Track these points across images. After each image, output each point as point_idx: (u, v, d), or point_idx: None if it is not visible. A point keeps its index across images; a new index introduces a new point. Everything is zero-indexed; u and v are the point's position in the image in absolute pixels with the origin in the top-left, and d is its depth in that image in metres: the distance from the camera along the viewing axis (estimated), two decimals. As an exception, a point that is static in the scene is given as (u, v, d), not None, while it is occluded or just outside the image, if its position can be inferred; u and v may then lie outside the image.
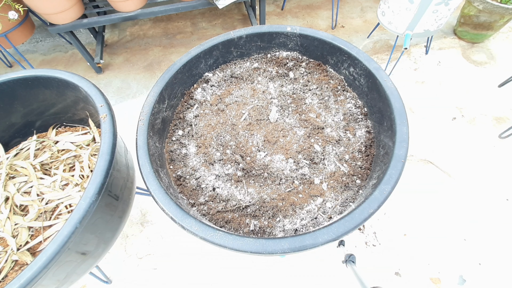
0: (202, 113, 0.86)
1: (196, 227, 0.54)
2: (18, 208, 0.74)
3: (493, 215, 1.28)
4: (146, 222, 1.33)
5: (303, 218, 0.68)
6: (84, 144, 0.85)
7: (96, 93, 0.70)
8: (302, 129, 0.80)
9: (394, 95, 0.69)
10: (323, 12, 2.25)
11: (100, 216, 0.64)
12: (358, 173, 0.73)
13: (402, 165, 0.60)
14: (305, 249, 0.51)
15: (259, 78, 0.92)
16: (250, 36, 0.88)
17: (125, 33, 2.20)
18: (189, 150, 0.80)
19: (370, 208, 0.55)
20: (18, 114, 0.85)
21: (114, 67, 1.97)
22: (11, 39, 1.55)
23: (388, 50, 1.95)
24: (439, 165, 1.43)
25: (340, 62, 0.87)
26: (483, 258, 1.18)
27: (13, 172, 0.79)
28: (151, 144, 0.69)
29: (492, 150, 1.46)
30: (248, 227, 0.66)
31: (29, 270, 0.47)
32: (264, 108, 0.84)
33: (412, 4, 1.29)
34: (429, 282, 1.14)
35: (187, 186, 0.73)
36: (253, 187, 0.72)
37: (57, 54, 2.08)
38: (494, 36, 1.94)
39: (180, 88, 0.85)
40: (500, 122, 1.56)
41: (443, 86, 1.72)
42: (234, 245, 0.52)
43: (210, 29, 2.19)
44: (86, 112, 0.85)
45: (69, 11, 1.51)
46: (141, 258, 1.24)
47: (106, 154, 0.60)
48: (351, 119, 0.82)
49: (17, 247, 0.68)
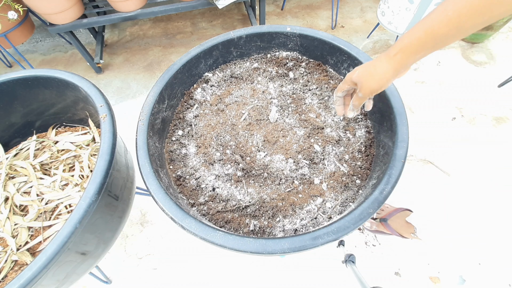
0: (202, 113, 0.86)
1: (196, 227, 0.54)
2: (18, 208, 0.74)
3: (493, 215, 1.28)
4: (146, 222, 1.33)
5: (303, 218, 0.68)
6: (84, 144, 0.85)
7: (96, 93, 0.70)
8: (302, 129, 0.80)
9: (394, 95, 0.69)
10: (323, 12, 2.25)
11: (100, 216, 0.64)
12: (358, 173, 0.73)
13: (402, 165, 0.60)
14: (305, 249, 0.51)
15: (259, 78, 0.92)
16: (250, 36, 0.88)
17: (125, 33, 2.20)
18: (189, 150, 0.80)
19: (370, 208, 0.55)
20: (18, 114, 0.85)
21: (114, 67, 1.97)
22: (10, 39, 1.55)
23: (388, 50, 1.95)
24: (439, 165, 1.43)
25: (340, 62, 0.87)
26: (483, 258, 1.18)
27: (13, 172, 0.79)
28: (151, 144, 0.69)
29: (492, 149, 1.46)
30: (248, 227, 0.66)
31: (29, 270, 0.47)
32: (264, 108, 0.84)
33: (412, 4, 1.29)
34: (429, 282, 1.14)
35: (187, 186, 0.73)
36: (253, 187, 0.72)
37: (57, 54, 2.08)
38: (494, 36, 1.94)
39: (180, 88, 0.85)
40: (500, 122, 1.56)
41: (443, 86, 1.72)
42: (234, 245, 0.52)
43: (210, 29, 2.19)
44: (86, 112, 0.85)
45: (69, 11, 1.51)
46: (141, 258, 1.24)
47: (106, 154, 0.60)
48: (351, 119, 0.82)
49: (16, 247, 0.68)
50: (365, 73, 0.53)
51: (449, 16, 0.42)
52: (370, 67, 0.52)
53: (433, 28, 0.44)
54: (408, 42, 0.47)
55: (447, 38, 0.45)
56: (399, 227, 0.99)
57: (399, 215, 1.02)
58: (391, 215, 1.03)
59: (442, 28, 0.44)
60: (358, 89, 0.55)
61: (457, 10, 0.42)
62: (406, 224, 1.00)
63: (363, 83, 0.53)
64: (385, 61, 0.51)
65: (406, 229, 0.99)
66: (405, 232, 0.98)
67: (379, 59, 0.51)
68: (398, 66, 0.50)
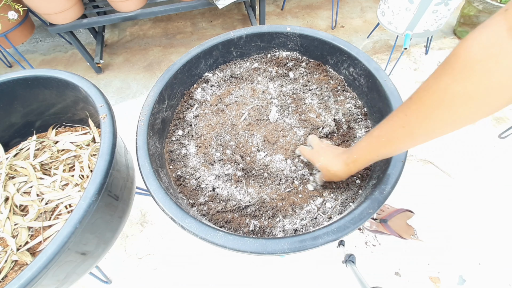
0: (202, 113, 0.86)
1: (196, 227, 0.54)
2: (18, 208, 0.74)
3: (493, 215, 1.28)
4: (146, 222, 1.33)
5: (303, 218, 0.68)
6: (84, 144, 0.85)
7: (96, 93, 0.70)
8: (302, 129, 0.80)
9: (394, 95, 0.69)
10: (323, 12, 2.25)
11: (100, 216, 0.64)
12: (358, 173, 0.73)
13: (402, 165, 0.60)
14: (305, 249, 0.51)
15: (259, 78, 0.92)
16: (250, 36, 0.88)
17: (125, 33, 2.20)
18: (189, 150, 0.80)
19: (370, 208, 0.55)
20: (18, 114, 0.85)
21: (114, 67, 1.97)
22: (11, 39, 1.55)
23: (388, 50, 1.95)
24: (439, 165, 1.43)
25: (340, 62, 0.87)
26: (483, 258, 1.18)
27: (13, 172, 0.79)
28: (151, 144, 0.69)
29: (492, 150, 1.46)
30: (248, 227, 0.66)
31: (29, 270, 0.47)
32: (264, 108, 0.84)
33: (412, 4, 1.29)
34: (429, 282, 1.14)
35: (187, 186, 0.73)
36: (253, 187, 0.72)
37: (57, 54, 2.08)
38: (494, 36, 1.93)
39: (180, 88, 0.85)
40: (500, 122, 1.56)
41: (443, 86, 1.72)
42: (234, 245, 0.52)
43: (210, 29, 2.19)
44: (86, 112, 0.85)
45: (69, 11, 1.51)
46: (141, 258, 1.24)
47: (106, 154, 0.60)
48: (351, 119, 0.82)
49: (16, 247, 0.68)
50: (325, 168, 0.62)
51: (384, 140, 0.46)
52: (330, 166, 0.60)
53: (378, 146, 0.49)
54: (360, 156, 0.53)
55: (392, 153, 0.51)
56: (399, 228, 0.99)
57: (399, 216, 1.02)
58: (391, 216, 1.03)
59: (385, 150, 0.48)
60: (321, 175, 0.65)
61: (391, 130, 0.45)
62: (406, 225, 1.00)
63: (323, 174, 0.64)
64: (340, 165, 0.58)
65: (406, 231, 0.99)
66: (405, 234, 0.98)
67: (338, 163, 0.58)
68: (349, 172, 0.58)
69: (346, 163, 0.56)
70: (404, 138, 0.43)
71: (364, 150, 0.52)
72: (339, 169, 0.58)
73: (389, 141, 0.45)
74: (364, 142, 0.52)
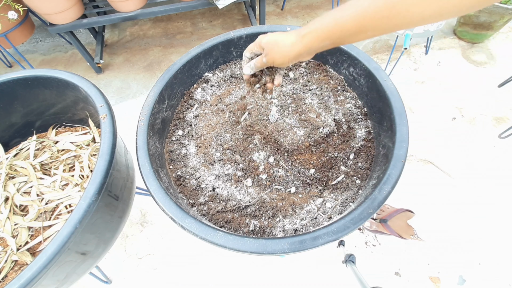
0: (202, 113, 0.86)
1: (196, 227, 0.54)
2: (18, 208, 0.74)
3: (493, 215, 1.28)
4: (146, 222, 1.33)
5: (303, 218, 0.68)
6: (84, 144, 0.85)
7: (96, 93, 0.70)
8: (302, 129, 0.80)
9: (394, 95, 0.69)
10: (323, 12, 2.25)
11: (100, 216, 0.64)
12: (358, 173, 0.73)
13: (402, 165, 0.60)
14: (305, 249, 0.51)
15: (259, 78, 0.92)
16: (250, 36, 0.88)
17: (125, 33, 2.20)
18: (189, 150, 0.80)
19: (370, 208, 0.55)
20: (18, 114, 0.85)
21: (114, 67, 1.97)
22: (11, 39, 1.55)
23: (388, 50, 1.95)
24: (439, 165, 1.43)
25: (340, 62, 0.87)
26: (483, 258, 1.18)
27: (13, 172, 0.79)
28: (151, 144, 0.69)
29: (492, 150, 1.46)
30: (248, 227, 0.66)
31: (29, 270, 0.47)
32: (264, 108, 0.84)
33: (412, 4, 1.28)
34: (429, 282, 1.14)
35: (187, 186, 0.73)
36: (253, 187, 0.72)
37: (57, 54, 2.08)
38: (494, 36, 1.94)
39: (180, 88, 0.85)
40: (500, 122, 1.56)
41: (443, 86, 1.72)
42: (234, 245, 0.52)
43: (210, 29, 2.19)
44: (86, 112, 0.85)
45: (69, 11, 1.51)
46: (141, 258, 1.24)
47: (106, 154, 0.60)
48: (351, 119, 0.82)
49: (17, 247, 0.68)
50: (273, 42, 0.53)
51: (357, 12, 0.41)
52: (279, 38, 0.52)
53: (342, 20, 0.43)
54: (318, 26, 0.47)
55: (352, 35, 0.44)
56: (399, 228, 0.99)
57: (399, 216, 1.02)
58: (391, 216, 1.03)
59: (349, 23, 0.42)
60: (264, 54, 0.56)
61: (363, 8, 0.40)
62: (406, 225, 1.00)
63: (268, 50, 0.54)
64: (294, 38, 0.50)
65: (406, 231, 0.99)
66: (404, 234, 0.98)
67: (291, 35, 0.51)
68: (302, 48, 0.50)
69: (300, 34, 0.49)
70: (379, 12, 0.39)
71: (324, 19, 0.46)
72: (291, 41, 0.50)
73: (357, 12, 0.41)
74: (325, 14, 0.47)
